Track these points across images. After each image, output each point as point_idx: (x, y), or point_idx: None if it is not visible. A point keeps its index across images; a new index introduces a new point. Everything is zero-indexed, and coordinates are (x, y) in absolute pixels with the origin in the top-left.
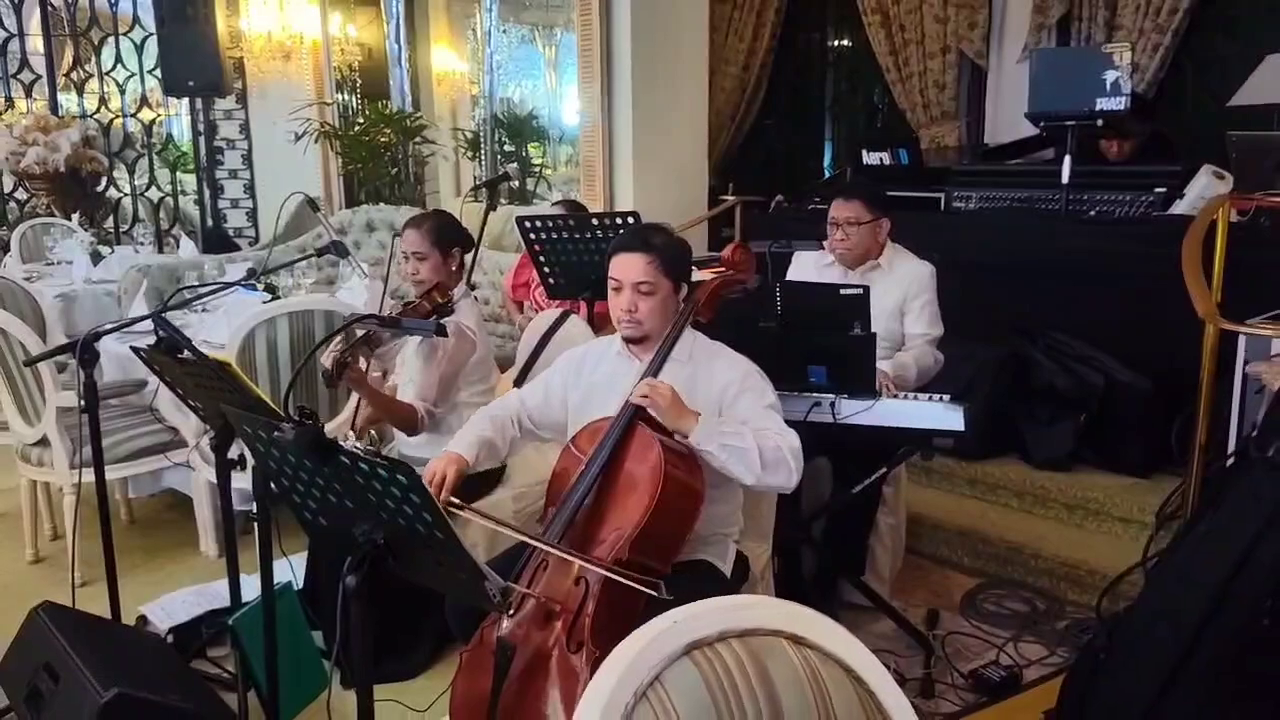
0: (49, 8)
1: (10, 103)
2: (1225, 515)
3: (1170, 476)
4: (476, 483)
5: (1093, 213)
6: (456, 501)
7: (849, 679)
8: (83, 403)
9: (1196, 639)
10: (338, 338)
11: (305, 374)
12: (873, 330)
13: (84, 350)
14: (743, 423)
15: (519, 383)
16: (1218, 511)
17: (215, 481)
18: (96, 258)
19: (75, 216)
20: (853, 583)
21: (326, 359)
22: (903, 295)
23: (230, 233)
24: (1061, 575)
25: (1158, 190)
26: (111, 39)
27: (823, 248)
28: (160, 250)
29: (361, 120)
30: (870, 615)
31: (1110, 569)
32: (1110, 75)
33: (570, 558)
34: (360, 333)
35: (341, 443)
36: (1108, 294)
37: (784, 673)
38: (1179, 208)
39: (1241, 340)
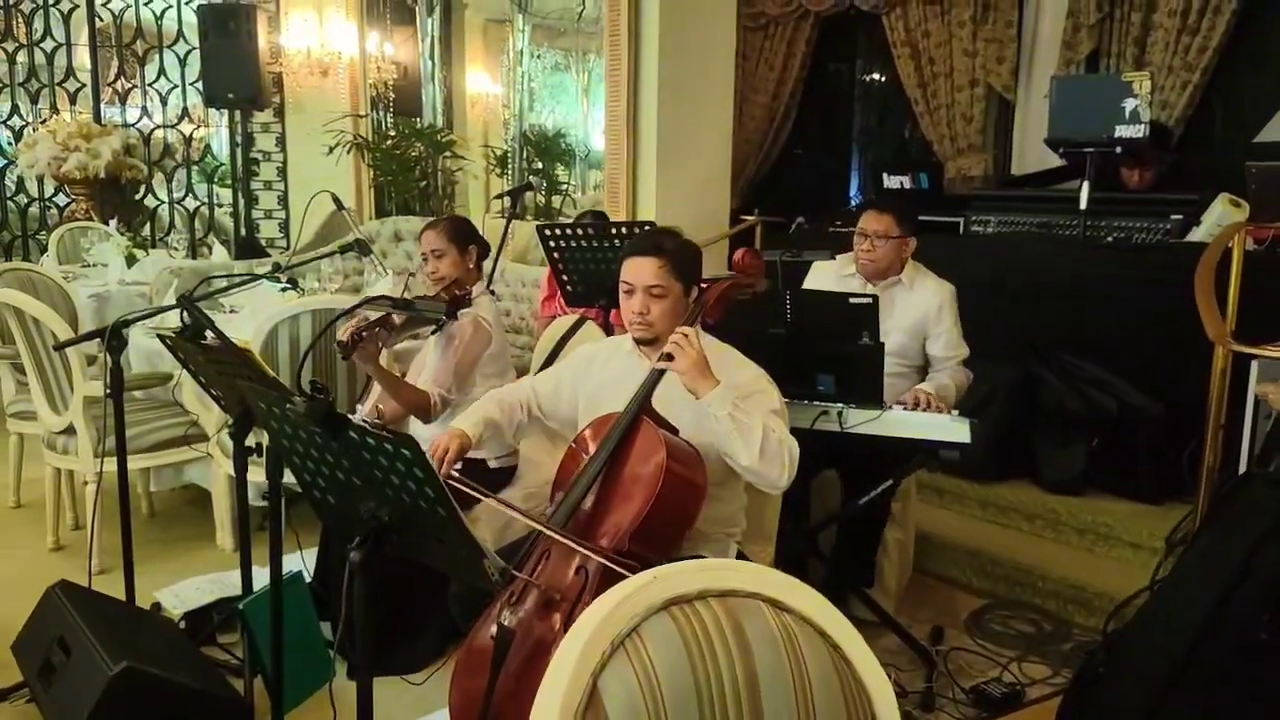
0: (96, 20)
1: (55, 110)
2: (1226, 529)
3: (1182, 503)
4: (488, 481)
5: (1110, 239)
6: (457, 475)
7: (826, 645)
8: (108, 390)
9: (1193, 650)
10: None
11: (324, 362)
12: (881, 341)
13: (112, 336)
14: None
15: None
16: (1219, 525)
17: (234, 474)
18: (131, 260)
19: (113, 222)
20: (859, 596)
21: (344, 333)
22: (924, 316)
23: (263, 242)
24: (1069, 598)
25: (1174, 217)
26: (156, 52)
27: (833, 259)
28: (194, 257)
29: (394, 135)
30: (875, 630)
31: (1119, 593)
32: (1130, 103)
33: (568, 543)
34: (377, 316)
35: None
36: (1123, 319)
37: (760, 634)
38: (1195, 235)
39: (1254, 366)
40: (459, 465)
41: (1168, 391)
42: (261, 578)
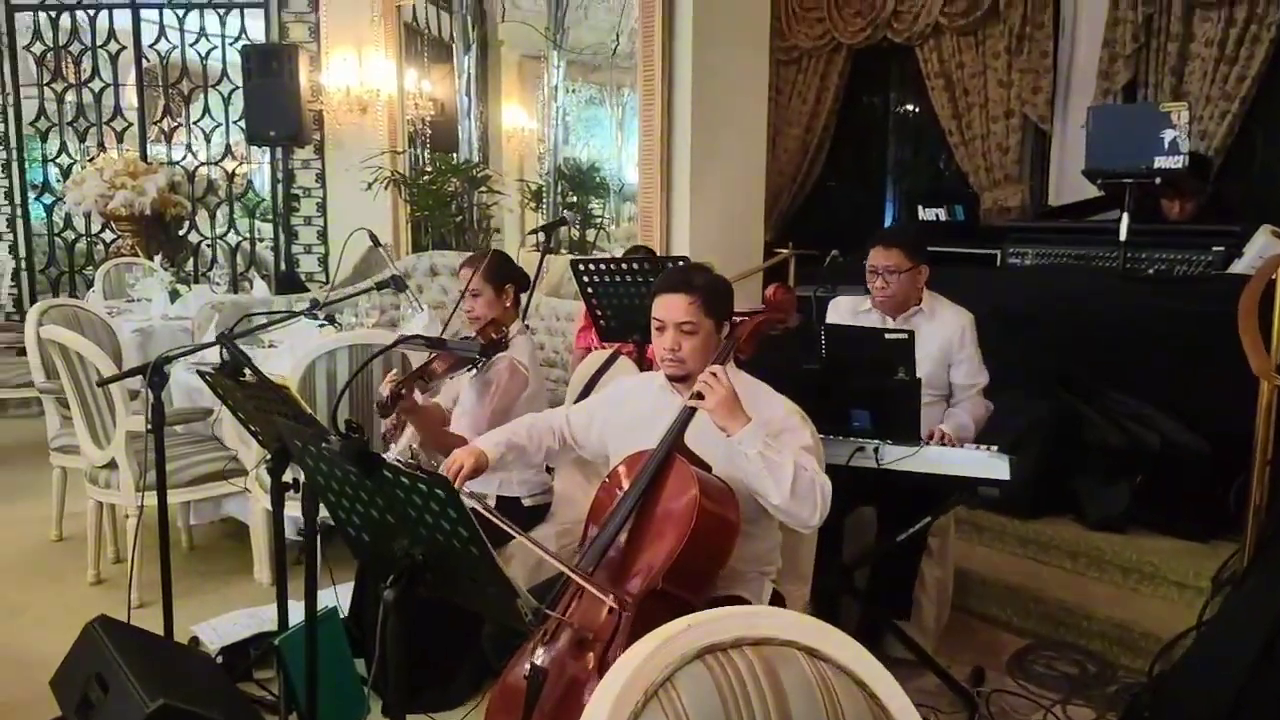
0: (144, 60)
1: (102, 148)
2: (1273, 568)
3: (1228, 542)
4: (522, 519)
5: (1151, 270)
6: (488, 508)
7: (862, 692)
8: (150, 426)
9: (1242, 693)
10: (393, 371)
11: (360, 396)
12: (918, 377)
13: (154, 373)
14: None
15: None
16: (1266, 565)
17: (271, 508)
18: (174, 296)
19: (157, 258)
20: (896, 635)
21: (384, 388)
22: (946, 344)
23: (302, 276)
24: (1114, 639)
25: (1216, 249)
26: (201, 91)
27: (867, 293)
28: (235, 291)
29: (430, 171)
30: (913, 670)
31: (1164, 634)
32: (1168, 134)
33: (588, 586)
34: (415, 365)
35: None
36: (1165, 353)
37: (795, 681)
38: (1237, 267)
39: None
40: (492, 502)
41: (1212, 427)
42: (298, 612)
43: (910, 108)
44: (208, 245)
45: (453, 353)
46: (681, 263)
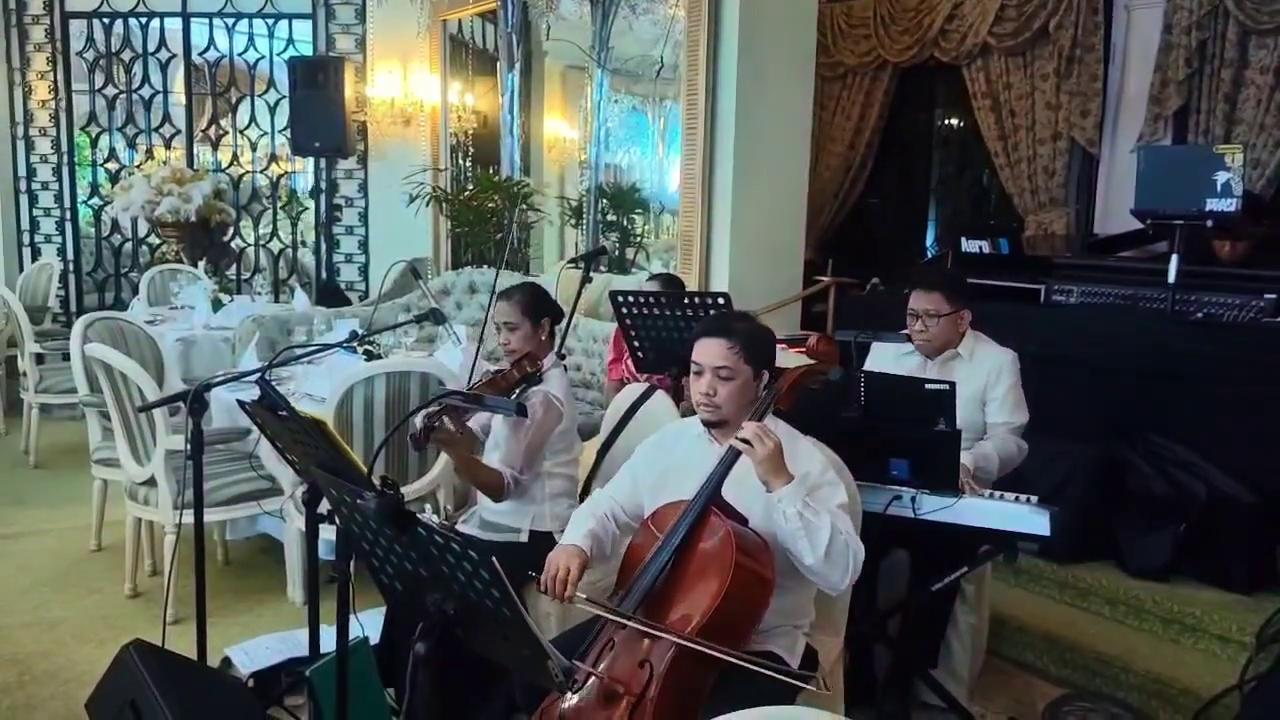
0: (192, 68)
1: (150, 154)
2: None
3: (1274, 595)
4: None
5: (1200, 314)
6: (584, 597)
7: None
8: (189, 448)
9: None
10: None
11: (397, 435)
12: (959, 428)
13: (194, 400)
14: None
15: (602, 453)
16: None
17: (304, 530)
18: (217, 305)
19: (201, 264)
20: (927, 683)
21: (417, 420)
22: (983, 383)
23: (342, 286)
24: (1153, 692)
25: (1268, 296)
26: (248, 99)
27: (909, 340)
28: (276, 299)
29: (471, 186)
30: (944, 717)
31: (1205, 689)
32: (1221, 176)
33: (666, 635)
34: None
35: (419, 513)
36: (1213, 400)
37: None
38: None
39: None
40: (525, 537)
41: (1260, 479)
42: (329, 637)
43: (954, 122)
44: (250, 251)
45: (490, 409)
46: (722, 300)
